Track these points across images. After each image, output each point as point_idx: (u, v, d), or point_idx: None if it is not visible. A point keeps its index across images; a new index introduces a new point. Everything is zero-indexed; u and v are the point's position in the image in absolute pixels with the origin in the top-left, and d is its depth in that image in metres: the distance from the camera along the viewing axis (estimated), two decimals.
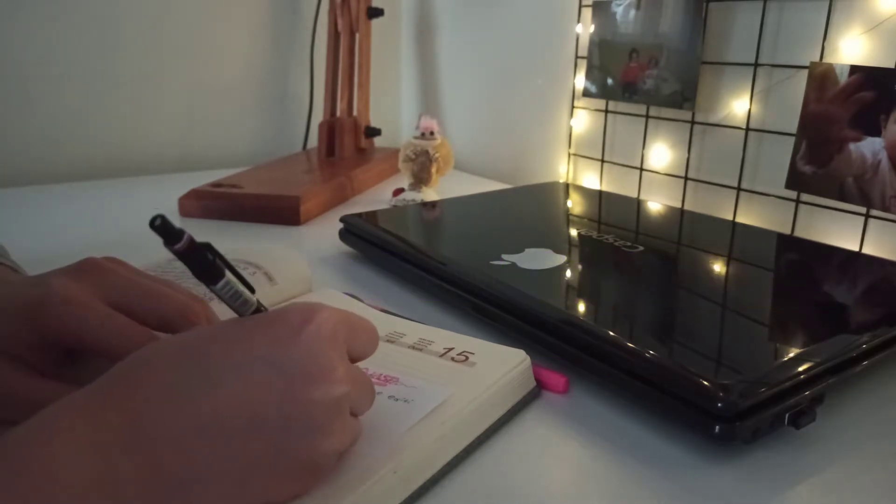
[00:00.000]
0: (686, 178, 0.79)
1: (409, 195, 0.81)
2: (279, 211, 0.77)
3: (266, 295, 0.48)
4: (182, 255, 0.27)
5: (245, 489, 0.26)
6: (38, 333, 0.32)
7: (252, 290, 0.30)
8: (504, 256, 0.54)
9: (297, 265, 0.53)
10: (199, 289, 0.45)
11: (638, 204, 0.77)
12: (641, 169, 0.84)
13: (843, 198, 0.62)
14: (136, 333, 0.33)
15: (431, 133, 0.82)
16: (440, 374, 0.39)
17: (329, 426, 0.28)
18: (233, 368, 0.27)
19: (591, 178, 0.92)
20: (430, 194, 0.82)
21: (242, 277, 0.30)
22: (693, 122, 0.77)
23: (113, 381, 0.27)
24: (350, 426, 0.30)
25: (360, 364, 0.33)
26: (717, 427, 0.34)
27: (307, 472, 0.28)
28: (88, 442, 0.24)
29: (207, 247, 0.28)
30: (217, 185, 0.82)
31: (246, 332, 0.28)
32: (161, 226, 0.26)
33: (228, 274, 0.29)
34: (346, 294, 0.51)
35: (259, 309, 0.30)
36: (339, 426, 0.29)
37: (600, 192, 0.83)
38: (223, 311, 0.46)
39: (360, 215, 0.67)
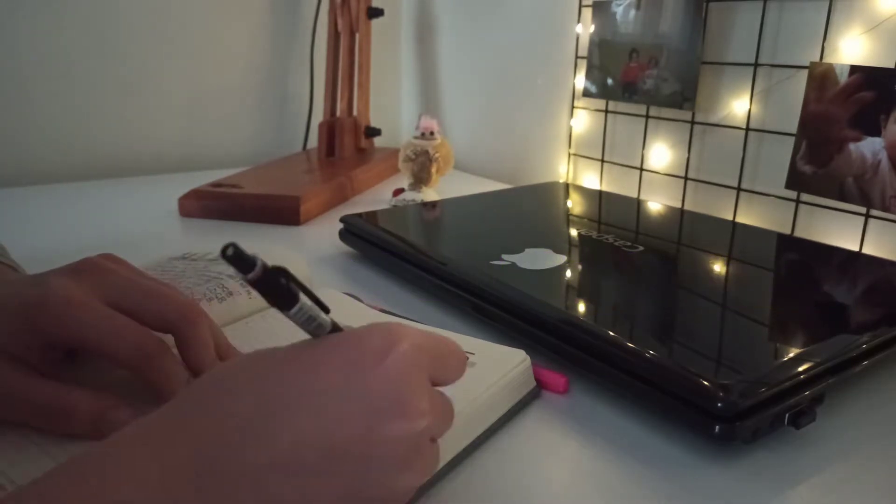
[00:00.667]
0: (686, 178, 0.79)
1: (409, 195, 0.81)
2: (279, 211, 0.77)
3: None
4: (255, 284, 0.25)
5: None
6: (37, 334, 0.32)
7: (327, 311, 0.28)
8: (504, 256, 0.54)
9: (297, 265, 0.53)
10: (201, 288, 0.45)
11: (638, 204, 0.77)
12: (641, 169, 0.84)
13: (843, 198, 0.62)
14: (136, 333, 0.33)
15: (431, 133, 0.82)
16: None
17: (408, 463, 0.26)
18: (311, 398, 0.25)
19: (591, 178, 0.92)
20: (430, 194, 0.82)
21: (317, 298, 0.28)
22: (693, 122, 0.77)
23: (182, 408, 0.26)
24: (430, 455, 0.28)
25: None
26: (717, 427, 0.34)
27: None
28: (155, 483, 0.23)
29: (281, 271, 0.26)
30: (217, 185, 0.82)
31: (326, 359, 0.27)
32: (234, 255, 0.24)
33: (303, 297, 0.27)
34: (346, 294, 0.51)
35: (335, 329, 0.29)
36: (417, 463, 0.27)
37: (600, 192, 0.83)
38: (222, 312, 0.46)
39: (360, 215, 0.67)
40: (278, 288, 0.26)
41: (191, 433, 0.24)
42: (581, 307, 0.47)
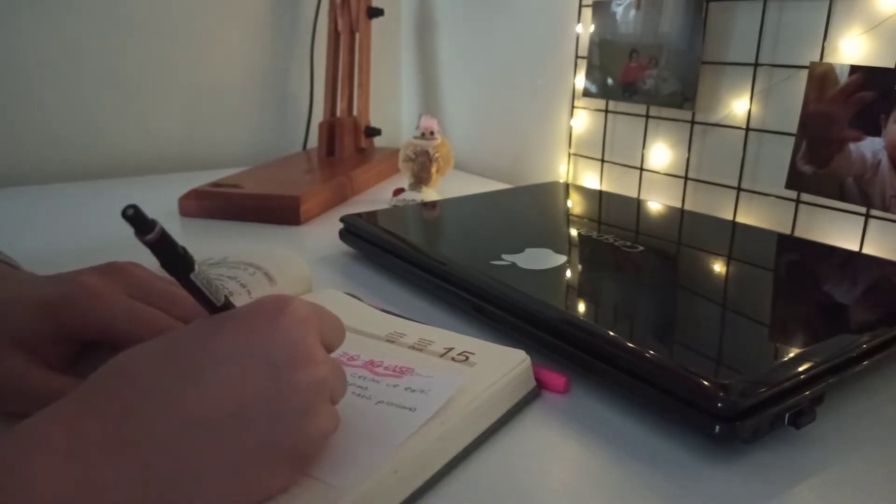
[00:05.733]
0: (686, 178, 0.79)
1: (409, 195, 0.81)
2: (279, 211, 0.77)
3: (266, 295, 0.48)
4: (153, 246, 0.26)
5: (237, 483, 0.26)
6: (60, 327, 0.34)
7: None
8: (504, 256, 0.54)
9: (297, 265, 0.53)
10: None
11: (638, 204, 0.77)
12: (641, 169, 0.84)
13: (843, 198, 0.62)
14: (159, 320, 0.34)
15: (431, 133, 0.82)
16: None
17: (315, 409, 0.28)
18: (215, 362, 0.27)
19: (591, 178, 0.92)
20: (430, 194, 0.82)
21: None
22: (693, 122, 0.77)
23: (91, 389, 0.27)
24: (332, 412, 0.30)
25: (375, 357, 0.33)
26: (717, 427, 0.34)
27: (296, 460, 0.28)
28: (66, 452, 0.24)
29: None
30: (217, 185, 0.82)
31: (224, 326, 0.29)
32: (133, 216, 0.25)
33: (198, 265, 0.28)
34: (347, 294, 0.51)
35: (228, 301, 0.30)
36: (323, 409, 0.29)
37: (600, 192, 0.83)
38: None
39: (360, 215, 0.67)
40: (175, 253, 0.27)
41: (99, 410, 0.26)
42: (581, 307, 0.47)
